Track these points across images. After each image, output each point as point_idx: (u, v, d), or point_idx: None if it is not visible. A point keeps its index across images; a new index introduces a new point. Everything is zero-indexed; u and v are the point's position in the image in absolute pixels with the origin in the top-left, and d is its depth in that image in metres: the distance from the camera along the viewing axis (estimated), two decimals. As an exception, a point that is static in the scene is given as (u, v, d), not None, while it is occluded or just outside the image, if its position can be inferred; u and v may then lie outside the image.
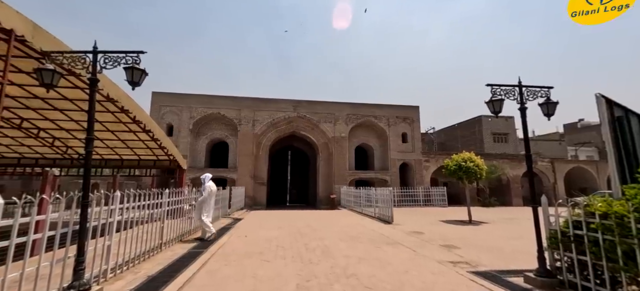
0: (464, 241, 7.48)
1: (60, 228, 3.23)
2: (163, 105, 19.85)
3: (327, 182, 21.37)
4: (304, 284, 4.13)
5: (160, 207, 5.88)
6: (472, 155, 11.98)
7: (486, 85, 4.50)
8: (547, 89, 4.35)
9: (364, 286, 4.05)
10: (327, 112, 21.67)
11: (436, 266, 5.08)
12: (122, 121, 8.64)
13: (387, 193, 11.88)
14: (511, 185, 23.33)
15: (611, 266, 3.29)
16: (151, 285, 3.97)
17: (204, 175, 7.73)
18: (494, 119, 31.39)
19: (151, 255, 5.45)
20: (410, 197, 19.98)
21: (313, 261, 5.35)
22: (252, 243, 7.05)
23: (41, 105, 7.87)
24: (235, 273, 4.67)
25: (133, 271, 4.56)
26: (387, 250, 6.34)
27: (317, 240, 7.53)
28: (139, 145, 10.72)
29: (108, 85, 6.31)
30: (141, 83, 4.03)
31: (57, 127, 9.46)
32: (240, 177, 19.64)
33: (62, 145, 11.07)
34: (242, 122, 20.42)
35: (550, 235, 4.07)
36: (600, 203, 3.56)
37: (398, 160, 22.20)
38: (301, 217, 13.60)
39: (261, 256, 5.74)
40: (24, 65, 5.69)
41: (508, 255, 5.92)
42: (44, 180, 10.92)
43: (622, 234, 3.17)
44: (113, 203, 4.21)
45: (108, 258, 4.08)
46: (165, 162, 12.31)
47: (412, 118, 22.89)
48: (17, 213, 2.72)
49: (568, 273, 3.87)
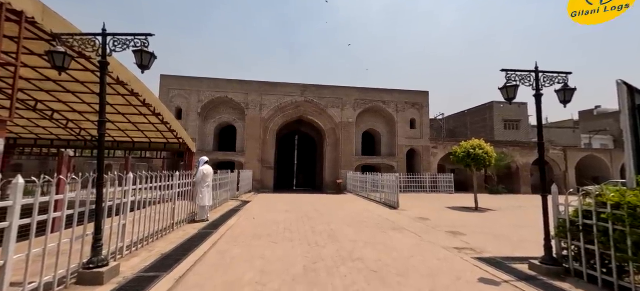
0: (469, 228, 7.50)
1: (78, 207, 3.37)
2: (172, 88, 19.98)
3: (334, 167, 21.48)
4: (311, 266, 4.25)
5: (171, 188, 6.05)
6: (481, 142, 11.79)
7: (501, 70, 4.35)
8: (565, 75, 4.18)
9: (370, 269, 4.14)
10: (334, 96, 21.46)
11: (441, 252, 5.13)
12: (132, 104, 8.77)
13: (393, 179, 11.89)
14: (520, 173, 23.00)
15: (619, 256, 3.27)
16: (165, 263, 4.16)
17: (200, 158, 7.93)
18: (506, 106, 30.57)
19: (164, 234, 5.67)
20: (416, 183, 19.96)
21: (320, 245, 5.48)
22: (260, 226, 7.24)
23: (54, 88, 8.03)
24: (244, 253, 4.83)
25: (147, 249, 4.77)
26: (393, 236, 6.42)
27: (323, 224, 7.66)
28: (150, 128, 10.91)
29: (118, 69, 6.36)
30: (150, 66, 4.05)
31: (70, 109, 9.67)
32: (248, 161, 19.91)
33: (75, 126, 11.36)
34: (250, 106, 20.46)
35: (558, 223, 4.04)
36: (613, 193, 3.49)
37: (405, 146, 22.04)
38: (308, 201, 13.81)
39: (269, 239, 5.90)
40: (36, 47, 5.77)
41: (514, 243, 5.92)
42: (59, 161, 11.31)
43: (634, 225, 3.13)
44: (126, 185, 4.35)
45: (124, 237, 4.26)
46: (175, 145, 12.54)
47: (421, 104, 22.49)
48: (37, 193, 2.84)
49: (575, 262, 3.87)
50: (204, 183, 7.49)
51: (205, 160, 7.83)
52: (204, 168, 7.59)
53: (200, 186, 7.42)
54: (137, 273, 3.74)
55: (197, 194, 7.39)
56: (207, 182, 7.61)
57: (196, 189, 7.40)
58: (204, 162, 7.74)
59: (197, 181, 7.39)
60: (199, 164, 7.73)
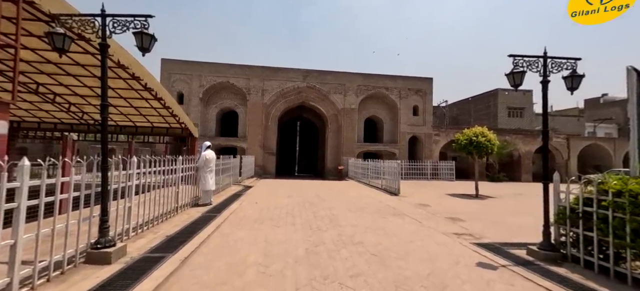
0: (469, 214, 7.58)
1: (83, 189, 3.43)
2: (173, 72, 19.80)
3: (336, 154, 21.53)
4: (312, 249, 4.35)
5: (174, 173, 6.11)
6: (484, 130, 11.73)
7: (508, 55, 4.25)
8: (574, 61, 4.09)
9: (370, 253, 4.23)
10: (337, 82, 21.22)
11: (441, 238, 5.21)
12: (134, 88, 8.72)
13: (394, 165, 11.94)
14: (522, 161, 22.97)
15: (618, 243, 3.32)
16: (170, 244, 4.26)
17: (202, 143, 8.00)
18: (510, 93, 30.22)
19: (168, 217, 5.78)
20: (417, 170, 20.03)
21: (321, 229, 5.58)
22: (263, 210, 7.35)
23: (55, 70, 7.99)
24: (248, 236, 4.93)
25: (153, 231, 4.88)
26: (393, 221, 6.51)
27: (325, 209, 7.77)
28: (152, 112, 10.90)
29: (118, 51, 6.29)
30: (151, 49, 4.00)
31: (72, 93, 9.65)
32: (250, 147, 19.98)
33: (78, 110, 11.37)
34: (252, 91, 20.31)
35: (558, 210, 4.08)
36: (615, 181, 3.50)
37: (408, 133, 21.96)
38: (309, 186, 13.94)
39: (272, 222, 6.00)
40: (35, 28, 5.71)
41: (513, 229, 6.00)
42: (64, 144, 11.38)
43: (634, 212, 3.16)
44: (131, 168, 4.40)
45: (129, 219, 4.35)
46: (178, 130, 12.56)
47: (424, 90, 22.22)
48: (43, 175, 2.89)
49: (572, 248, 3.92)
50: (206, 168, 7.56)
51: (208, 145, 7.88)
52: (206, 153, 7.64)
53: (203, 171, 7.49)
54: (144, 253, 3.85)
55: (200, 179, 7.47)
56: (210, 167, 7.68)
57: (199, 174, 7.47)
58: (206, 147, 7.78)
59: (199, 166, 7.46)
60: (201, 149, 7.79)
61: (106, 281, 3.00)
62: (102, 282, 2.98)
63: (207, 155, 7.63)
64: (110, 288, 2.87)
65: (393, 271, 3.58)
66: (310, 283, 3.18)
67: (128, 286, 2.91)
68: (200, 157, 7.57)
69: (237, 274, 3.37)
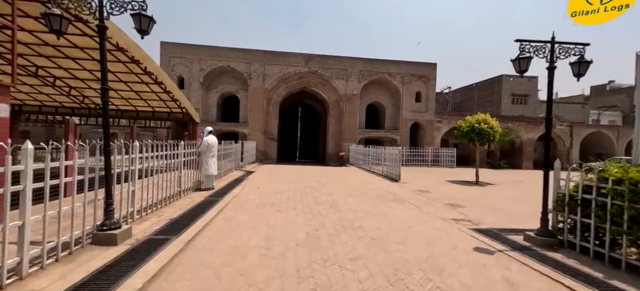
0: (468, 201, 7.65)
1: (87, 173, 3.47)
2: (173, 56, 19.53)
3: (337, 140, 21.53)
4: (313, 232, 4.43)
5: (177, 157, 6.16)
6: (487, 117, 11.65)
7: (515, 40, 4.16)
8: (583, 47, 4.00)
9: (370, 237, 4.31)
10: (339, 67, 20.92)
11: (439, 223, 5.29)
12: (133, 72, 8.65)
13: (395, 152, 11.96)
14: (524, 148, 22.93)
15: (615, 229, 3.36)
16: (174, 227, 4.35)
17: (204, 128, 8.01)
18: (515, 79, 29.79)
19: (171, 201, 5.87)
20: (418, 156, 20.07)
21: (322, 213, 5.66)
22: (265, 195, 7.44)
23: (54, 53, 7.91)
24: (250, 220, 5.02)
25: (156, 214, 4.97)
26: (393, 206, 6.59)
27: (325, 194, 7.86)
28: (153, 97, 10.85)
29: (117, 34, 6.20)
30: (150, 31, 3.93)
31: (72, 76, 9.59)
32: (251, 132, 19.98)
33: (78, 94, 11.33)
34: (253, 76, 20.08)
35: (557, 197, 4.11)
36: (616, 169, 3.51)
37: (410, 120, 21.85)
38: (310, 172, 14.04)
39: (273, 207, 6.10)
40: (31, 9, 5.61)
41: (511, 216, 6.07)
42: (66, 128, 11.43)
43: (633, 200, 3.19)
44: (133, 152, 4.43)
45: (133, 202, 4.42)
46: (179, 115, 12.54)
47: (428, 76, 21.91)
48: (47, 158, 2.92)
49: (569, 234, 3.98)
50: (208, 153, 7.61)
51: (209, 130, 7.89)
52: (208, 138, 7.66)
53: (205, 156, 7.54)
54: (148, 235, 3.94)
55: (202, 163, 7.54)
56: (212, 152, 7.72)
57: (201, 159, 7.53)
58: (208, 132, 7.80)
59: (201, 151, 7.50)
60: (203, 134, 7.81)
61: (113, 262, 3.09)
62: (109, 262, 3.07)
63: (209, 140, 7.65)
64: (117, 268, 2.96)
65: (392, 254, 3.66)
66: (310, 265, 3.26)
67: (134, 266, 3.00)
68: (202, 142, 7.60)
69: (240, 256, 3.46)
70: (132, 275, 2.81)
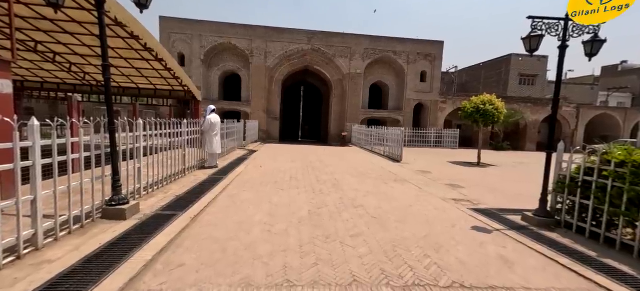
0: (469, 181, 7.72)
1: (93, 150, 3.53)
2: (172, 32, 19.10)
3: (340, 120, 21.44)
4: (315, 211, 4.54)
5: (180, 135, 6.21)
6: (492, 98, 11.46)
7: (527, 17, 4.01)
8: (597, 25, 3.84)
9: (371, 216, 4.42)
10: (343, 45, 20.39)
11: (439, 203, 5.38)
12: (133, 48, 8.51)
13: (398, 133, 11.92)
14: (528, 130, 22.73)
15: (612, 211, 3.42)
16: (180, 203, 4.48)
17: (207, 107, 8.02)
18: (524, 59, 28.94)
19: (176, 178, 5.99)
20: (421, 137, 20.02)
21: (324, 192, 5.77)
22: (267, 174, 7.55)
23: (52, 28, 7.76)
24: (253, 198, 5.14)
25: (163, 191, 5.10)
26: (394, 186, 6.68)
27: (328, 174, 7.95)
28: (154, 74, 10.74)
29: (115, 7, 6.04)
30: (149, 5, 3.83)
31: (72, 52, 9.47)
32: (253, 111, 19.91)
33: (79, 70, 11.24)
34: (254, 53, 19.69)
35: (558, 179, 4.14)
36: (619, 151, 3.51)
37: (414, 100, 21.57)
38: (313, 152, 14.12)
39: (276, 185, 6.21)
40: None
41: (511, 197, 6.14)
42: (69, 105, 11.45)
43: (634, 182, 3.21)
44: (137, 130, 4.47)
45: (140, 179, 4.53)
46: (181, 93, 12.46)
47: (434, 55, 21.34)
48: (54, 134, 2.96)
49: (567, 215, 4.05)
50: (212, 132, 7.65)
51: (213, 109, 7.89)
52: (211, 117, 7.67)
53: (209, 134, 7.59)
54: (155, 211, 4.06)
55: (206, 142, 7.60)
56: (215, 131, 7.75)
57: (205, 137, 7.59)
58: (211, 111, 7.80)
59: (205, 129, 7.54)
60: (206, 113, 7.82)
61: (123, 235, 3.22)
62: (120, 235, 3.20)
63: (212, 118, 7.67)
64: (127, 240, 3.09)
65: (391, 232, 3.76)
66: (312, 241, 3.38)
67: (144, 239, 3.12)
68: (205, 120, 7.62)
69: (245, 231, 3.58)
70: (143, 248, 2.94)
